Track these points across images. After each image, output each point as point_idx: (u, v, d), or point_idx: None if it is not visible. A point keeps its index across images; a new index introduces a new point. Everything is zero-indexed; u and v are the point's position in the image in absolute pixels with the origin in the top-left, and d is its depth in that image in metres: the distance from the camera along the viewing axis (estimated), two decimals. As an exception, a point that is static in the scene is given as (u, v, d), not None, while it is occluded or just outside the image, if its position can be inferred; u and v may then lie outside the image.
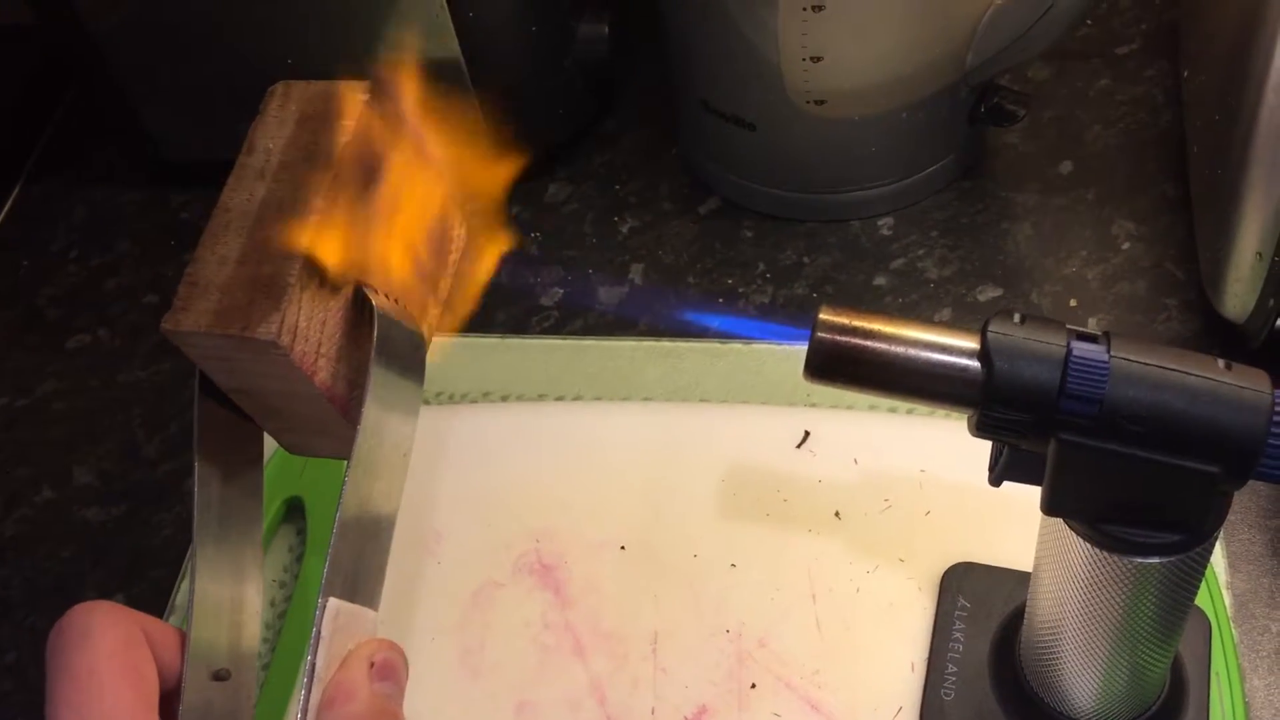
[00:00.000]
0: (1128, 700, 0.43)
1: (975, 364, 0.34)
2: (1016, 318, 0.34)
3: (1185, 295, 0.58)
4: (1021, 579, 0.47)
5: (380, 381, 0.36)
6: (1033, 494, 0.36)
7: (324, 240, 0.35)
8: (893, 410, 0.54)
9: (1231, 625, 0.47)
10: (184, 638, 0.36)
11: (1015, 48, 0.57)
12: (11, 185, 0.75)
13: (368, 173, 0.37)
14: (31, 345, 0.67)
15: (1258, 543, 0.51)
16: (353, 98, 0.37)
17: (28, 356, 0.66)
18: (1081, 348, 0.33)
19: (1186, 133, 0.61)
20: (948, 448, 0.52)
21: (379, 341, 0.36)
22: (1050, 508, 0.35)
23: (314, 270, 0.35)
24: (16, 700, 0.54)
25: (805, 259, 0.63)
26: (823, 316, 0.35)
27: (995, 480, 0.37)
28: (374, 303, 0.36)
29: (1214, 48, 0.57)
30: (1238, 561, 0.50)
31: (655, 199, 0.67)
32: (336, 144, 0.36)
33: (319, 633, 0.34)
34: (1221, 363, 0.34)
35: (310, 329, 0.35)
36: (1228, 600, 0.48)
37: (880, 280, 0.61)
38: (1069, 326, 0.34)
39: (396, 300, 0.38)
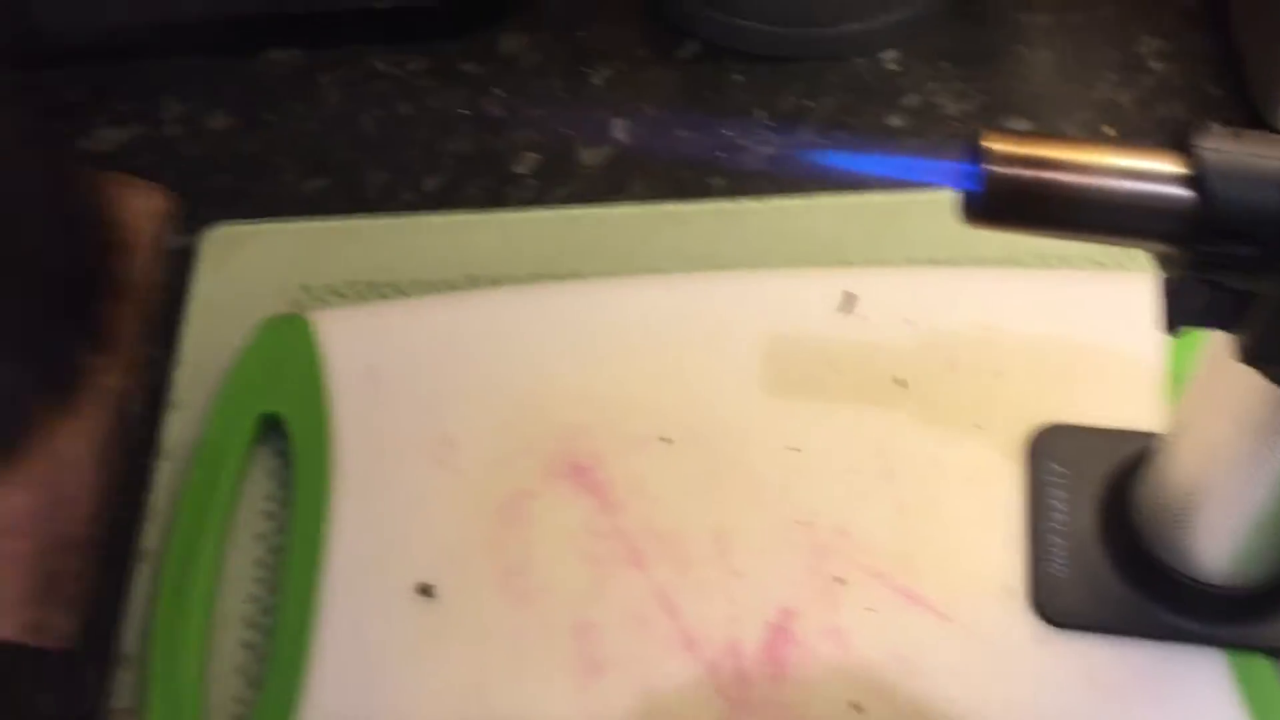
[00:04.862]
0: (1267, 560, 0.39)
1: (1185, 191, 0.28)
2: (1229, 131, 0.29)
3: (1229, 113, 0.54)
4: (1121, 438, 0.43)
5: None
6: (1118, 345, 0.31)
7: None
8: (935, 262, 0.49)
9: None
10: None
11: None
12: None
13: None
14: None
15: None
16: None
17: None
18: (1316, 161, 0.28)
19: (1209, -64, 0.56)
20: (1012, 301, 0.47)
21: None
22: (1256, 356, 0.30)
23: None
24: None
25: (807, 102, 0.56)
26: (992, 146, 0.29)
27: (1172, 328, 0.32)
28: None
29: None
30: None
31: (625, 45, 0.59)
32: None
33: None
34: None
35: None
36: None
37: (895, 120, 0.55)
38: (1286, 138, 0.29)
39: None
